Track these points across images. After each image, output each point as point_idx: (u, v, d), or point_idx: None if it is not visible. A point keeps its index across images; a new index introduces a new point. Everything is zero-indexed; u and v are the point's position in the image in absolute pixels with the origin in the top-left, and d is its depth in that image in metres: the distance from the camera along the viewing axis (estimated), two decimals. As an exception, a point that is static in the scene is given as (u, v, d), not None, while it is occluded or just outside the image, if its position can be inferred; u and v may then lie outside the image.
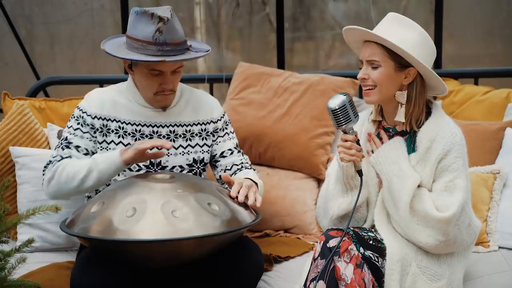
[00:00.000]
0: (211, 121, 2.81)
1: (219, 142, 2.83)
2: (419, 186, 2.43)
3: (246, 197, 2.50)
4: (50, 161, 2.68)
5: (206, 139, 2.79)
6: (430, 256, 2.46)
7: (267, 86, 3.49)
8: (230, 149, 2.83)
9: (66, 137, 2.71)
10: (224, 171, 2.81)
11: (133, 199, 2.32)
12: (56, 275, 2.65)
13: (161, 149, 2.54)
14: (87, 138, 2.70)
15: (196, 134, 2.77)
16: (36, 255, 2.88)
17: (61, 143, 2.70)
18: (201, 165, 2.78)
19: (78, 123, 2.71)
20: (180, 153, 2.74)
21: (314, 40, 5.08)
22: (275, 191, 3.23)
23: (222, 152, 2.82)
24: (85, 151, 2.69)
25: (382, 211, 2.51)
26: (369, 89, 2.45)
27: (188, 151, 2.75)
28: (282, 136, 3.33)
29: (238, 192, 2.49)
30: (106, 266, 2.38)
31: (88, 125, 2.70)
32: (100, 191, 2.67)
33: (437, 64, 3.93)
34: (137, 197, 2.32)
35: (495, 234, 2.97)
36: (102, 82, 3.78)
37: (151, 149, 2.53)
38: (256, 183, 2.62)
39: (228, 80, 3.72)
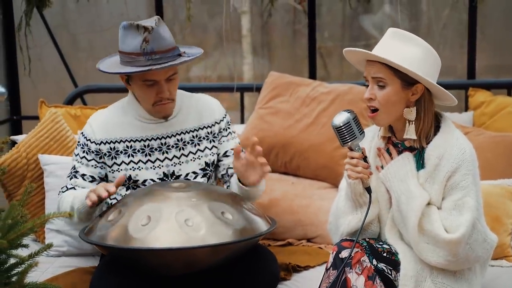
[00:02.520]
0: (215, 122, 2.82)
1: (223, 142, 2.84)
2: (428, 203, 2.39)
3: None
4: (60, 191, 2.76)
5: (213, 141, 2.81)
6: (447, 271, 2.41)
7: (296, 96, 3.52)
8: (232, 149, 2.82)
9: (74, 165, 2.77)
10: (227, 171, 2.83)
11: (148, 207, 2.37)
12: (80, 279, 2.71)
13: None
14: (92, 165, 2.74)
15: (204, 138, 2.79)
16: (63, 260, 2.97)
17: (71, 172, 2.76)
18: (213, 167, 2.82)
19: (84, 151, 2.75)
20: (191, 160, 2.76)
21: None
22: (298, 200, 3.25)
23: (226, 152, 2.84)
24: (90, 179, 2.73)
25: (393, 228, 2.49)
26: (374, 111, 2.40)
27: (199, 156, 2.77)
28: (308, 145, 3.35)
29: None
30: (123, 273, 2.44)
31: (92, 152, 2.74)
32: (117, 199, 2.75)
33: (470, 75, 3.90)
34: (152, 206, 2.38)
35: (519, 248, 2.92)
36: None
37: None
38: None
39: (259, 89, 3.76)
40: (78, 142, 2.79)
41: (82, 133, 2.79)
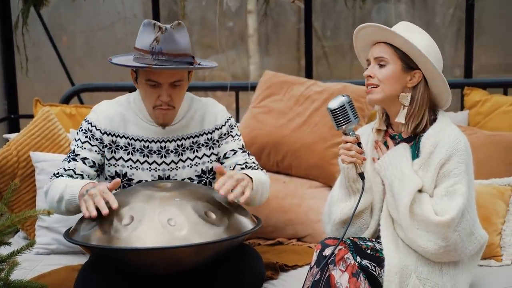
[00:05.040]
0: (215, 128, 2.78)
1: (222, 144, 2.79)
2: (421, 191, 2.42)
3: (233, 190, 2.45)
4: (54, 174, 2.67)
5: (212, 148, 2.78)
6: (432, 267, 2.42)
7: (289, 95, 3.50)
8: (233, 150, 2.79)
9: (74, 149, 2.69)
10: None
11: (132, 207, 2.36)
12: (67, 277, 2.70)
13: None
14: (95, 151, 2.69)
15: (203, 145, 2.76)
16: (52, 257, 2.98)
17: (68, 156, 2.69)
18: (210, 175, 2.79)
19: (87, 136, 2.69)
20: (188, 166, 2.74)
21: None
22: (290, 199, 3.24)
23: (225, 154, 2.78)
24: (91, 163, 2.67)
25: (388, 216, 2.50)
26: (372, 87, 2.47)
27: (196, 162, 2.75)
28: (300, 144, 3.34)
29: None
30: (106, 273, 2.44)
31: (97, 139, 2.69)
32: None
33: (467, 74, 3.88)
34: (136, 206, 2.37)
35: (509, 248, 2.90)
36: (132, 89, 3.86)
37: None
38: (251, 179, 2.57)
39: (254, 88, 3.74)
40: (81, 128, 2.72)
41: (86, 120, 2.73)
